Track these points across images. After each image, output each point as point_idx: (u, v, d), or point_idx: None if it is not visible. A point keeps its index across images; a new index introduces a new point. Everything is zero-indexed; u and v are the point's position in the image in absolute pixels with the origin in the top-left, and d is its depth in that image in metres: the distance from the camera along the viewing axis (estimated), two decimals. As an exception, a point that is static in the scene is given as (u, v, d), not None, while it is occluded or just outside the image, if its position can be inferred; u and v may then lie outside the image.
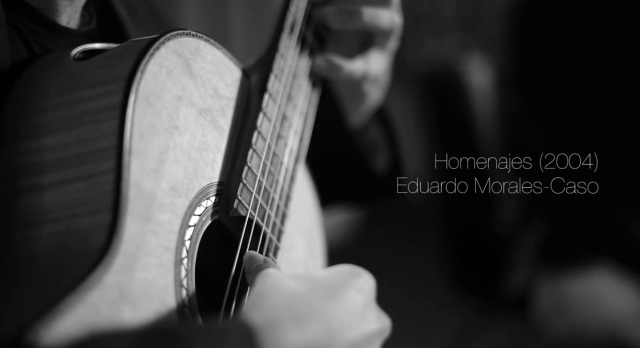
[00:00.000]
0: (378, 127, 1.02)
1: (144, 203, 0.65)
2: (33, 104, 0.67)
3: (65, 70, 0.68)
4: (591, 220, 1.66)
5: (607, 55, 1.61)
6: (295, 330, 0.63)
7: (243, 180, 0.75)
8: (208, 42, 0.75)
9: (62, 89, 0.67)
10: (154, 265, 0.65)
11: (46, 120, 0.66)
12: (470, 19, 2.59)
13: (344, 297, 0.67)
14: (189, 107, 0.71)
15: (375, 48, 0.92)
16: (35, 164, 0.65)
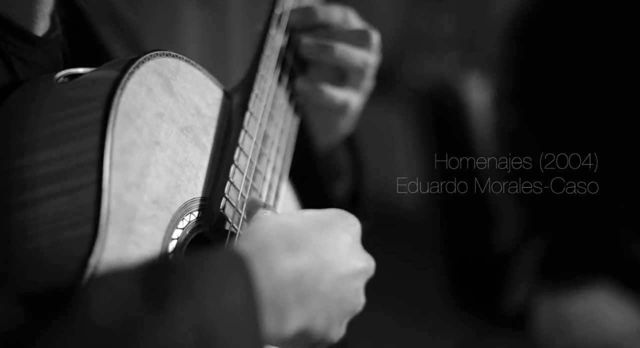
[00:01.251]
0: (345, 153, 1.04)
1: (126, 215, 0.67)
2: (18, 123, 0.70)
3: (48, 92, 0.71)
4: (591, 239, 1.66)
5: (606, 75, 1.62)
6: (287, 256, 0.66)
7: (226, 195, 0.77)
8: (188, 62, 0.78)
9: (45, 109, 0.70)
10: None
11: (31, 139, 0.69)
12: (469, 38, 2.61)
13: (333, 233, 0.71)
14: (170, 124, 0.74)
15: (349, 85, 0.94)
16: (21, 180, 0.68)
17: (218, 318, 0.60)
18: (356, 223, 0.74)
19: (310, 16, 0.94)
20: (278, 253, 0.66)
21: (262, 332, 0.63)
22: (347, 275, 0.70)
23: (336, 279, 0.69)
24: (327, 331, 0.70)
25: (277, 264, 0.65)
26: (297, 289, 0.66)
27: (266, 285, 0.64)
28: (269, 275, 0.64)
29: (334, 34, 0.93)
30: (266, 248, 0.66)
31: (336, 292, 0.69)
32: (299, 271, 0.66)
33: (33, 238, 0.66)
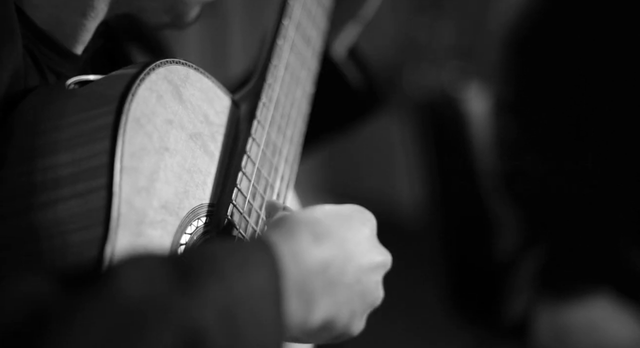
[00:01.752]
0: (352, 65, 1.09)
1: (135, 219, 0.68)
2: (30, 128, 0.71)
3: (60, 97, 0.72)
4: (591, 248, 1.67)
5: (605, 83, 1.63)
6: (313, 246, 0.68)
7: (233, 201, 0.78)
8: (197, 70, 0.79)
9: (57, 114, 0.71)
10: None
11: (42, 143, 0.70)
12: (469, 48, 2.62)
13: (354, 227, 0.72)
14: (180, 130, 0.74)
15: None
16: (33, 184, 0.69)
17: (244, 300, 0.60)
18: (372, 218, 0.75)
19: None
20: (305, 242, 0.67)
21: (286, 318, 0.64)
22: (368, 267, 0.72)
23: (359, 271, 0.70)
24: (350, 323, 0.71)
25: (304, 252, 0.66)
26: (324, 278, 0.67)
27: (294, 272, 0.65)
28: (297, 262, 0.66)
29: None
30: (293, 236, 0.67)
31: (359, 284, 0.70)
32: (326, 260, 0.68)
33: (45, 241, 0.67)
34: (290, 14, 0.94)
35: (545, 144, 1.69)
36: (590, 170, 1.66)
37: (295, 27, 0.94)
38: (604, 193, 1.66)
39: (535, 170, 1.69)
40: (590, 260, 1.67)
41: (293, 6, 0.94)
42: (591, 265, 1.67)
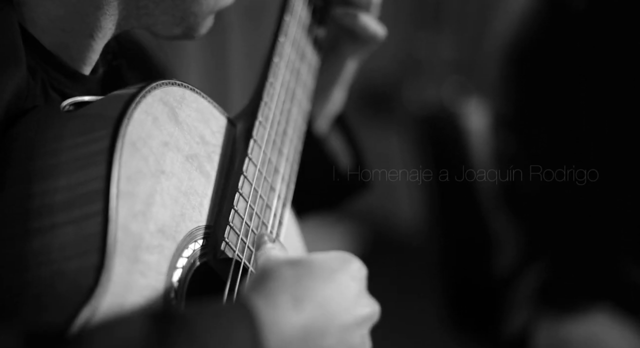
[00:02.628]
0: (339, 135, 1.08)
1: (132, 245, 0.67)
2: (25, 152, 0.70)
3: (55, 121, 0.72)
4: (590, 263, 1.66)
5: (604, 99, 1.63)
6: (293, 312, 0.67)
7: (230, 223, 0.77)
8: (193, 91, 0.78)
9: (52, 138, 0.70)
10: (142, 305, 0.67)
11: (38, 167, 0.69)
12: (469, 63, 2.62)
13: (339, 281, 0.71)
14: (176, 152, 0.74)
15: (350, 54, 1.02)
16: (28, 209, 0.68)
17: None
18: (362, 268, 0.74)
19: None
20: (285, 307, 0.66)
21: None
22: (353, 324, 0.71)
23: (342, 330, 0.70)
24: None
25: (284, 319, 0.66)
26: (303, 345, 0.66)
27: (273, 341, 0.65)
28: (277, 331, 0.65)
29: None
30: (274, 301, 0.66)
31: (342, 343, 0.70)
32: (306, 326, 0.67)
33: (39, 268, 0.66)
34: (286, 32, 0.93)
35: (544, 159, 1.69)
36: (589, 185, 1.65)
37: (291, 44, 0.94)
38: (604, 209, 1.65)
39: (534, 185, 1.69)
40: (589, 275, 1.67)
41: (289, 23, 0.94)
42: (590, 280, 1.66)
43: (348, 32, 1.00)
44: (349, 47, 1.02)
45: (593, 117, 1.64)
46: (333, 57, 1.02)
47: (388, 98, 2.72)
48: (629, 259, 1.65)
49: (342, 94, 1.06)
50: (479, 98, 1.91)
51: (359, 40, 1.01)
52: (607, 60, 1.62)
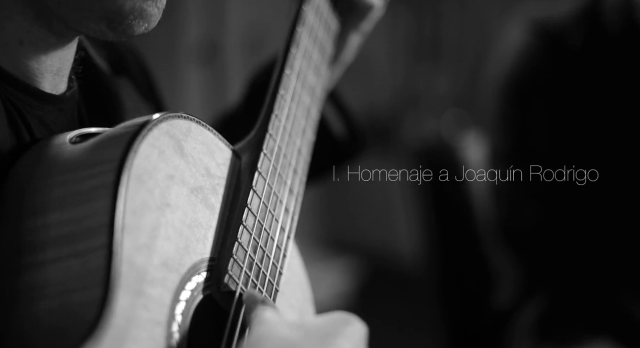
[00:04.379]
0: (329, 104, 1.09)
1: (136, 278, 0.67)
2: (30, 185, 0.70)
3: (61, 153, 0.72)
4: (590, 297, 1.66)
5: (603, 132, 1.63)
6: None
7: (234, 255, 0.77)
8: (199, 123, 0.79)
9: (58, 170, 0.70)
10: (144, 339, 0.67)
11: (43, 200, 0.69)
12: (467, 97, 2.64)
13: (335, 346, 0.68)
14: (181, 185, 0.74)
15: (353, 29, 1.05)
16: (32, 242, 0.68)
17: None
18: (360, 328, 0.72)
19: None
20: None
21: None
22: None
23: None
24: None
25: None
26: None
27: None
28: None
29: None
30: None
31: None
32: None
33: (42, 301, 0.66)
34: (292, 64, 0.94)
35: (542, 193, 1.69)
36: (588, 218, 1.65)
37: (297, 76, 0.95)
38: (603, 242, 1.66)
39: (532, 219, 1.69)
40: (589, 309, 1.66)
41: (295, 55, 0.95)
42: (590, 314, 1.66)
43: (350, 6, 1.03)
44: (351, 21, 1.04)
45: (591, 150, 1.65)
46: (338, 33, 1.05)
47: (387, 131, 2.73)
48: (628, 293, 1.65)
49: (340, 71, 1.08)
50: (477, 131, 1.92)
51: (358, 12, 1.03)
52: (604, 95, 1.63)
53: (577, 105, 1.64)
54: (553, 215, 1.68)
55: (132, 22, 0.74)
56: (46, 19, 0.74)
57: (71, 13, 0.74)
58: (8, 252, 0.68)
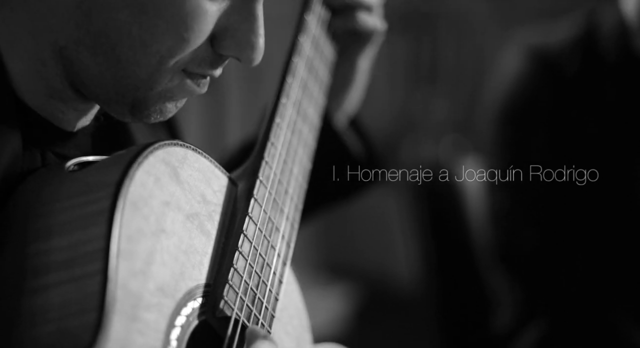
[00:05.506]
0: (352, 132, 1.12)
1: (131, 303, 0.67)
2: (28, 211, 0.71)
3: (59, 180, 0.73)
4: (588, 321, 1.66)
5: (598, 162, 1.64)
6: None
7: (229, 281, 0.78)
8: (195, 151, 0.80)
9: (55, 197, 0.71)
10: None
11: (40, 227, 0.70)
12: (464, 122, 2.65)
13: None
14: (177, 211, 0.75)
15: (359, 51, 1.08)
16: (34, 267, 0.69)
17: None
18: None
19: None
20: None
21: None
22: None
23: None
24: None
25: None
26: None
27: None
28: None
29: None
30: None
31: None
32: None
33: (40, 326, 0.66)
34: (288, 93, 0.95)
35: (540, 217, 1.69)
36: (586, 242, 1.66)
37: (293, 105, 0.96)
38: (602, 266, 1.66)
39: (530, 243, 1.70)
40: (587, 333, 1.66)
41: (291, 84, 0.96)
42: (589, 339, 1.66)
43: (352, 33, 1.06)
44: (356, 47, 1.07)
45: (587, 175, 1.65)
46: (345, 60, 1.07)
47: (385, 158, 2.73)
48: (627, 317, 1.65)
49: (358, 93, 1.11)
50: (475, 156, 1.93)
51: (362, 39, 1.06)
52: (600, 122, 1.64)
53: (573, 131, 1.65)
54: (551, 239, 1.68)
55: (152, 115, 0.79)
56: (78, 89, 0.78)
57: (103, 94, 0.77)
58: (12, 276, 0.69)
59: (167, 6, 0.72)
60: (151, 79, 0.75)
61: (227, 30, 0.76)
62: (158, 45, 0.73)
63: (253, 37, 0.77)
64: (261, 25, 0.77)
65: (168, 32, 0.73)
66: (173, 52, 0.74)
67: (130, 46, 0.73)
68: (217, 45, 0.77)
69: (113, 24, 0.73)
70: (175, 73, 0.76)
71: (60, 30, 0.74)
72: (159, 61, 0.74)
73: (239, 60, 0.78)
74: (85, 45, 0.74)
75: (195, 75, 0.78)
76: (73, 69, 0.76)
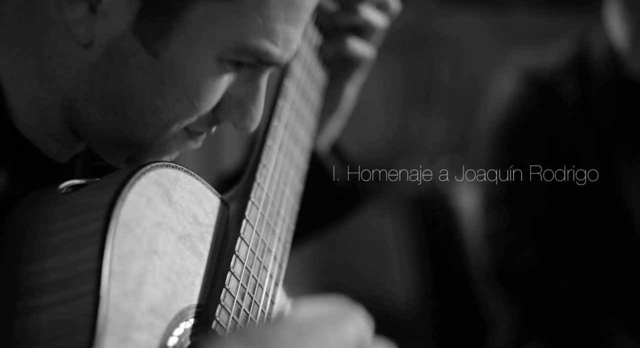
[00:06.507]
0: (334, 157, 1.12)
1: (122, 324, 0.68)
2: (21, 233, 0.72)
3: (53, 202, 0.74)
4: (586, 342, 1.66)
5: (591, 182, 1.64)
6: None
7: (221, 302, 0.78)
8: (187, 173, 0.80)
9: (49, 219, 0.72)
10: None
11: (32, 248, 0.71)
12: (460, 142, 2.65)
13: (326, 339, 0.64)
14: (169, 233, 0.75)
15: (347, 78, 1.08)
16: (24, 289, 0.69)
17: None
18: (359, 322, 0.66)
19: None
20: None
21: None
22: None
23: None
24: None
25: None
26: None
27: None
28: None
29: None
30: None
31: None
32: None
33: (34, 347, 0.66)
34: (279, 115, 0.96)
35: (536, 238, 1.70)
36: (583, 263, 1.66)
37: (284, 127, 0.97)
38: (599, 288, 1.66)
39: (526, 263, 1.69)
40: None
41: (282, 107, 0.97)
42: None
43: (342, 59, 1.06)
44: (344, 73, 1.07)
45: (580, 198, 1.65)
46: (332, 85, 1.07)
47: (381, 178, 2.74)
48: (624, 338, 1.65)
49: (342, 120, 1.11)
50: (470, 177, 1.93)
51: (350, 65, 1.06)
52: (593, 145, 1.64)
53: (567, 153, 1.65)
54: (547, 259, 1.68)
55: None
56: (78, 134, 0.80)
57: (104, 145, 0.80)
58: (7, 297, 0.69)
59: (184, 77, 0.75)
60: (155, 138, 0.79)
61: (232, 99, 0.80)
62: (168, 111, 0.77)
63: (254, 109, 0.80)
64: (263, 97, 0.81)
65: (180, 100, 0.76)
66: (181, 118, 0.78)
67: (141, 110, 0.76)
68: (220, 110, 0.80)
69: (128, 89, 0.76)
70: (178, 132, 0.80)
71: (72, 84, 0.77)
72: (166, 124, 0.78)
73: (235, 126, 0.82)
74: (97, 102, 0.77)
75: (194, 133, 0.82)
76: (80, 120, 0.78)
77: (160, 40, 0.74)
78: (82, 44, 0.74)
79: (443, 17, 2.84)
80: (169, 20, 0.73)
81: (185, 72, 0.75)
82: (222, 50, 0.75)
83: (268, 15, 0.75)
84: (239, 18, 0.75)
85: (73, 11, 0.73)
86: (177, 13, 0.73)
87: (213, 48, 0.75)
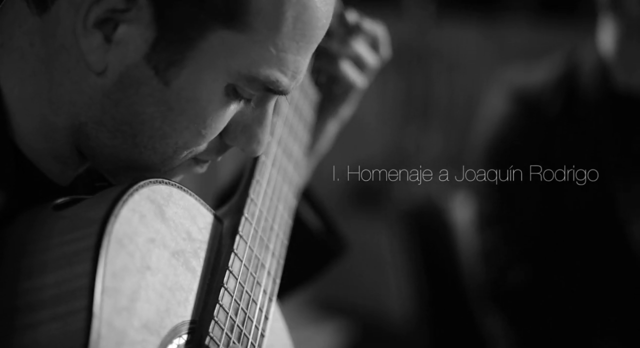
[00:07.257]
0: (306, 205, 1.10)
1: (116, 340, 0.68)
2: (15, 250, 0.72)
3: (46, 218, 0.74)
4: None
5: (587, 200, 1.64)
6: None
7: (215, 317, 0.78)
8: (180, 189, 0.81)
9: (44, 235, 0.72)
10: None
11: (26, 265, 0.71)
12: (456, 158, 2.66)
13: None
14: (162, 249, 0.75)
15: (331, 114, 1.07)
16: (19, 306, 0.69)
17: None
18: None
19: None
20: None
21: None
22: None
23: None
24: None
25: None
26: None
27: None
28: None
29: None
30: None
31: None
32: None
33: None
34: (272, 131, 0.96)
35: (528, 257, 1.70)
36: (577, 280, 1.66)
37: (277, 142, 0.97)
38: (593, 303, 1.66)
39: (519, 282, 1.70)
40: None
41: (275, 123, 0.97)
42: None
43: (332, 81, 1.05)
44: (329, 106, 1.07)
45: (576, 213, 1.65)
46: (315, 120, 1.07)
47: (377, 192, 2.74)
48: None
49: (316, 160, 1.10)
50: (466, 192, 1.93)
51: (338, 97, 1.06)
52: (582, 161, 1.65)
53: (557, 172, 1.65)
54: (541, 278, 1.68)
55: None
56: (85, 156, 0.81)
57: (111, 168, 0.81)
58: (4, 313, 0.69)
59: (192, 106, 0.76)
60: (162, 164, 0.80)
61: (239, 125, 0.80)
62: (177, 138, 0.78)
63: (261, 134, 0.81)
64: (270, 121, 0.82)
65: (188, 128, 0.77)
66: (189, 145, 0.78)
67: (150, 136, 0.77)
68: (227, 137, 0.81)
69: (138, 116, 0.76)
70: (185, 159, 0.81)
71: (83, 109, 0.77)
72: (174, 150, 0.79)
73: (243, 151, 0.82)
74: (107, 127, 0.77)
75: (201, 160, 0.83)
76: (88, 142, 0.79)
77: (173, 69, 0.75)
78: (96, 71, 0.75)
79: (440, 33, 2.85)
80: (184, 49, 0.74)
81: (193, 100, 0.76)
82: (233, 79, 0.76)
83: (282, 46, 0.76)
84: (253, 48, 0.75)
85: (89, 40, 0.74)
86: (192, 42, 0.74)
87: (224, 76, 0.76)
